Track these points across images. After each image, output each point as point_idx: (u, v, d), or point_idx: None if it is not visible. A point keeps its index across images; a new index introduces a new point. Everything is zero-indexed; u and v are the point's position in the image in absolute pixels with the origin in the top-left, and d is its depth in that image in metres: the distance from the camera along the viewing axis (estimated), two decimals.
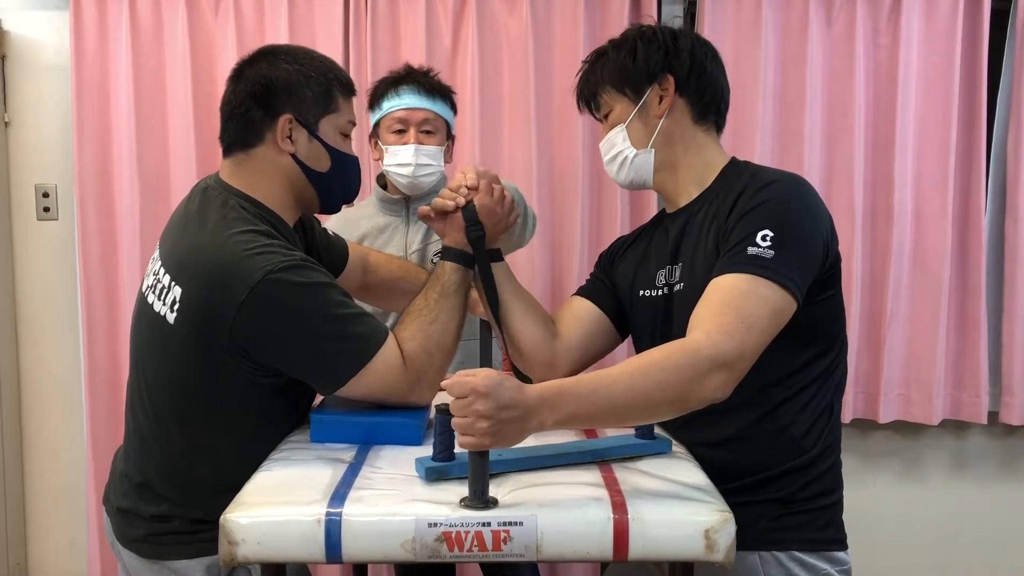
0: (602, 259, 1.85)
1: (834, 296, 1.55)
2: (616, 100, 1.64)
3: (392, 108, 2.16)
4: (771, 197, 1.47)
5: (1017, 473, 2.99)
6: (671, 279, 1.61)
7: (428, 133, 2.16)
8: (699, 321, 1.38)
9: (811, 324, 1.50)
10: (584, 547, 1.22)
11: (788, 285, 1.40)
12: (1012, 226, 2.81)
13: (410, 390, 1.54)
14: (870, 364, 2.84)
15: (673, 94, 1.59)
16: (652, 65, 1.59)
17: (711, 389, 1.32)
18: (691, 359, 1.31)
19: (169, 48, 2.76)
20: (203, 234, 1.52)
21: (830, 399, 1.58)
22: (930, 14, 2.75)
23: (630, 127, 1.62)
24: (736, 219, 1.48)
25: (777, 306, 1.39)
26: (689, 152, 1.63)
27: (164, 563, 1.55)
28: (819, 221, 1.49)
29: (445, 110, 2.19)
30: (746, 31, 2.75)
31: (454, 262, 1.63)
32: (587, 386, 1.28)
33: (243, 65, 1.62)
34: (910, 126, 2.76)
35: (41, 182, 2.91)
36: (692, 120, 1.62)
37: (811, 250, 1.46)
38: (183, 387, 1.52)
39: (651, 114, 1.61)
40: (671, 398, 1.30)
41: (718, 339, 1.33)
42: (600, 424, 1.34)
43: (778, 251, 1.41)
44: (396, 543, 1.21)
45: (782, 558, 1.52)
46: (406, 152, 2.13)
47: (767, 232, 1.42)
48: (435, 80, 2.20)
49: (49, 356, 2.96)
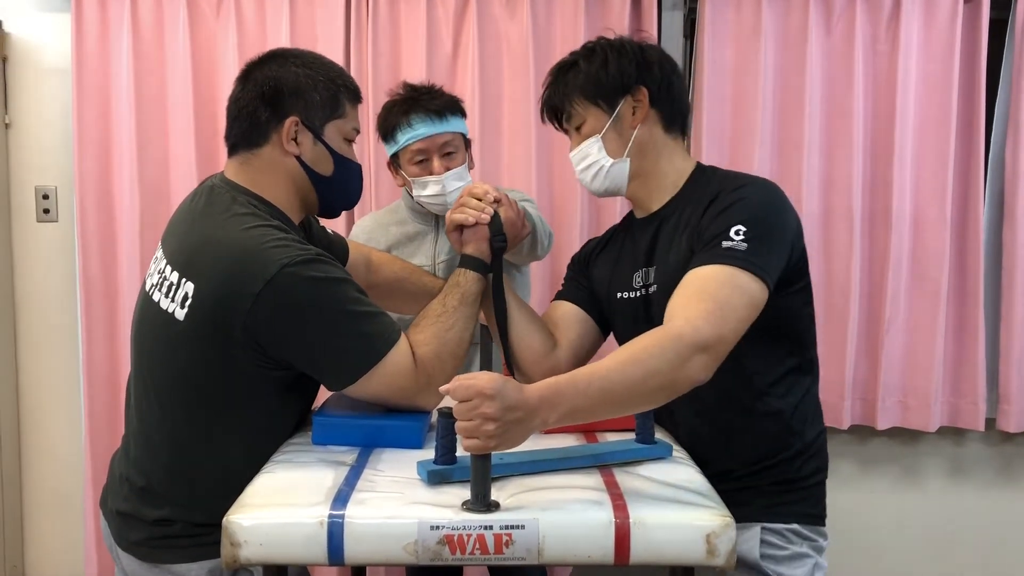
0: (575, 262, 1.92)
1: (802, 289, 1.64)
2: (588, 111, 1.69)
3: (409, 141, 2.12)
4: (743, 196, 1.56)
5: (1014, 480, 2.99)
6: (647, 280, 1.68)
7: (449, 155, 2.14)
8: (678, 308, 1.45)
9: (779, 320, 1.59)
10: (586, 550, 1.23)
11: (760, 274, 1.48)
12: (1010, 233, 2.81)
13: (418, 393, 1.55)
14: (868, 371, 2.84)
15: (647, 106, 1.66)
16: (626, 77, 1.66)
17: (696, 370, 1.38)
18: (675, 344, 1.37)
19: (170, 51, 2.77)
20: (214, 229, 1.52)
21: (809, 385, 1.69)
22: (929, 22, 2.76)
23: (605, 137, 1.68)
24: (711, 218, 1.56)
25: (752, 294, 1.48)
26: (661, 160, 1.70)
27: (166, 567, 1.55)
28: (787, 218, 1.59)
29: (459, 125, 2.16)
30: (746, 38, 2.76)
31: (477, 271, 1.64)
32: (583, 380, 1.32)
33: (252, 66, 1.63)
34: (909, 133, 2.77)
35: (41, 184, 2.91)
36: (663, 129, 1.69)
37: (781, 244, 1.55)
38: (192, 384, 1.52)
39: (625, 125, 1.67)
40: (662, 383, 1.36)
41: (698, 324, 1.39)
42: (599, 416, 1.37)
43: (750, 243, 1.49)
44: (398, 546, 1.22)
45: (782, 529, 1.61)
46: (435, 184, 2.12)
47: (740, 227, 1.51)
48: (443, 98, 2.16)
49: (48, 358, 2.96)
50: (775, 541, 1.60)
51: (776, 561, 1.60)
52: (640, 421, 1.50)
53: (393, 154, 2.19)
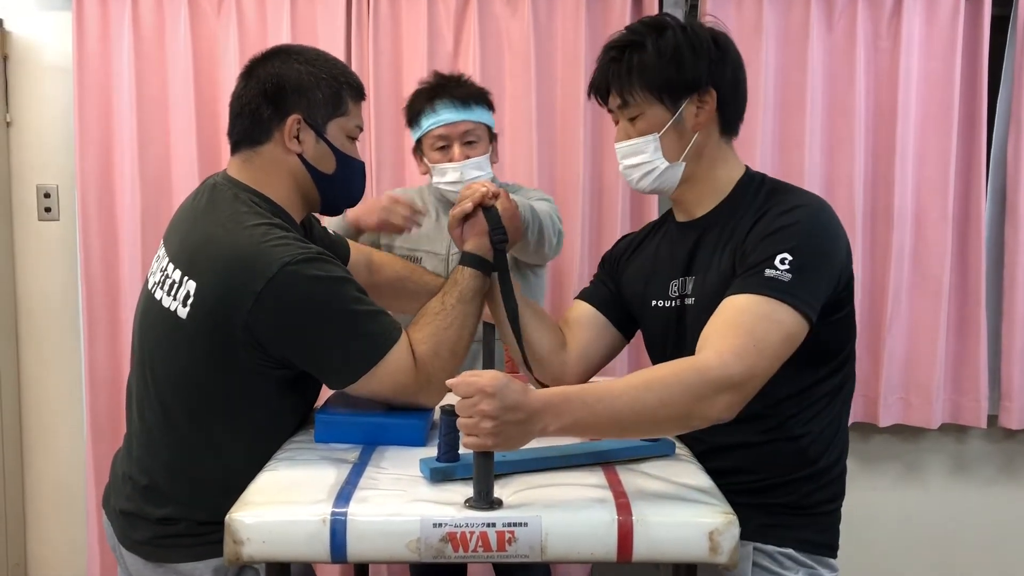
0: (606, 261, 1.82)
1: (846, 316, 1.56)
2: (649, 105, 1.54)
3: (431, 126, 2.14)
4: (793, 221, 1.46)
5: (1016, 477, 3.00)
6: (684, 291, 1.60)
7: (471, 144, 2.14)
8: (711, 339, 1.37)
9: (824, 343, 1.51)
10: (588, 548, 1.23)
11: (803, 309, 1.40)
12: (1012, 231, 2.81)
13: (418, 391, 1.55)
14: (870, 368, 2.84)
15: (714, 110, 1.54)
16: (697, 77, 1.52)
17: (717, 409, 1.32)
18: (699, 378, 1.31)
19: (171, 49, 2.77)
20: (216, 227, 1.52)
21: (839, 410, 1.60)
22: (931, 19, 2.76)
23: (664, 137, 1.55)
24: (756, 240, 1.47)
25: (791, 331, 1.39)
26: (715, 166, 1.59)
27: (170, 566, 1.55)
28: (837, 246, 1.49)
29: (484, 115, 2.17)
30: (747, 35, 2.75)
31: (475, 268, 1.64)
32: (592, 395, 1.28)
33: (255, 62, 1.62)
34: (910, 130, 2.77)
35: (42, 182, 2.91)
36: (720, 133, 1.58)
37: (827, 274, 1.46)
38: (194, 382, 1.52)
39: (687, 127, 1.54)
40: (674, 415, 1.31)
41: (729, 360, 1.32)
42: (602, 434, 1.36)
43: (796, 274, 1.40)
44: (401, 543, 1.22)
45: (774, 552, 1.54)
46: (453, 171, 2.12)
47: (786, 255, 1.41)
48: (469, 87, 2.18)
49: (50, 357, 2.96)
50: (767, 564, 1.53)
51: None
52: None
53: (417, 141, 2.20)
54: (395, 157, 2.80)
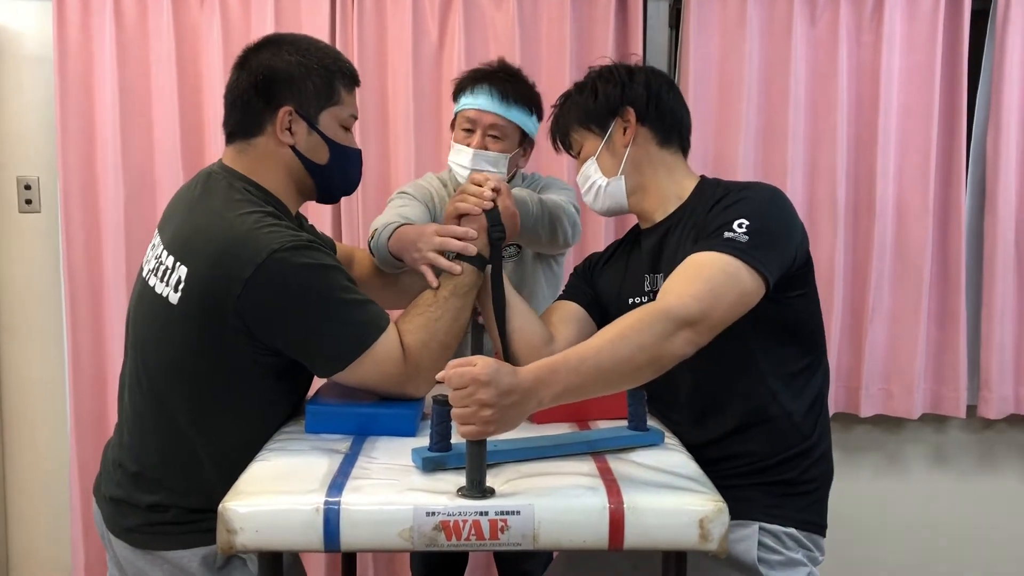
0: (579, 271, 1.94)
1: (805, 295, 1.65)
2: (584, 137, 1.78)
3: (465, 106, 2.12)
4: (750, 196, 1.62)
5: (994, 467, 3.03)
6: (655, 286, 1.70)
7: (495, 138, 2.12)
8: (671, 288, 1.47)
9: (790, 318, 1.62)
10: (580, 536, 1.24)
11: (758, 267, 1.49)
12: (991, 222, 2.84)
13: (406, 381, 1.55)
14: (852, 359, 2.87)
15: (635, 124, 1.73)
16: (612, 101, 1.74)
17: (679, 345, 1.41)
18: (662, 318, 1.40)
19: (154, 39, 2.74)
20: (209, 214, 1.53)
21: (819, 388, 1.69)
22: (912, 13, 2.78)
23: (600, 158, 1.76)
24: (716, 213, 1.58)
25: (746, 287, 1.49)
26: (658, 173, 1.76)
27: (158, 553, 1.55)
28: (792, 221, 1.62)
29: (521, 117, 2.12)
30: (731, 29, 2.76)
31: (471, 263, 1.65)
32: (575, 358, 1.34)
33: (248, 52, 1.62)
34: (892, 123, 2.79)
35: (23, 174, 2.88)
36: (657, 145, 1.75)
37: (783, 244, 1.56)
38: (184, 368, 1.52)
39: (617, 144, 1.75)
40: (649, 358, 1.38)
41: (688, 301, 1.42)
42: (591, 394, 1.38)
43: (752, 237, 1.51)
44: (394, 532, 1.22)
45: (779, 532, 1.60)
46: (466, 154, 2.12)
47: (743, 221, 1.53)
48: (516, 85, 2.14)
49: (32, 349, 2.93)
50: (771, 544, 1.60)
51: (770, 566, 1.59)
52: (632, 408, 1.52)
53: (456, 116, 2.20)
54: (380, 150, 2.79)
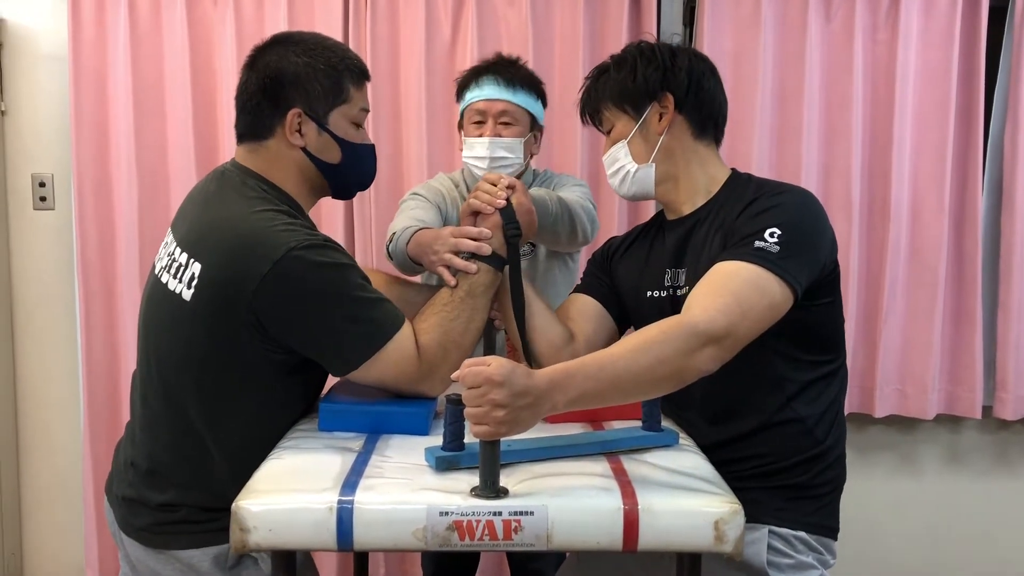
0: (596, 258, 1.89)
1: (832, 303, 1.63)
2: (617, 117, 1.71)
3: (472, 99, 2.13)
4: (782, 202, 1.56)
5: (1010, 468, 3.01)
6: (676, 282, 1.67)
7: (506, 125, 2.12)
8: (697, 299, 1.44)
9: (814, 326, 1.59)
10: (594, 537, 1.23)
11: (788, 280, 1.46)
12: (1008, 222, 2.82)
13: (421, 380, 1.55)
14: (866, 358, 2.85)
15: (673, 112, 1.66)
16: (651, 84, 1.66)
17: (702, 361, 1.38)
18: (686, 332, 1.37)
19: (168, 37, 2.75)
20: (224, 211, 1.53)
21: (836, 393, 1.66)
22: (929, 11, 2.76)
23: (631, 143, 1.69)
24: (746, 219, 1.54)
25: (775, 299, 1.45)
26: (691, 165, 1.70)
27: (170, 552, 1.55)
28: (823, 229, 1.58)
29: (528, 101, 2.14)
30: (745, 26, 2.75)
31: (486, 263, 1.64)
32: (593, 365, 1.32)
33: (257, 52, 1.62)
34: (908, 122, 2.77)
35: (37, 171, 2.89)
36: (692, 135, 1.69)
37: (814, 253, 1.53)
38: (197, 366, 1.52)
39: (651, 131, 1.68)
40: (670, 371, 1.36)
41: (714, 315, 1.39)
42: (607, 402, 1.37)
43: (783, 247, 1.47)
44: (407, 531, 1.22)
45: (789, 535, 1.59)
46: (481, 146, 2.11)
47: (775, 230, 1.49)
48: (520, 70, 2.16)
49: (46, 346, 2.94)
50: (781, 547, 1.58)
51: (780, 569, 1.57)
52: (647, 409, 1.50)
53: (461, 116, 2.20)
54: (392, 148, 2.78)
